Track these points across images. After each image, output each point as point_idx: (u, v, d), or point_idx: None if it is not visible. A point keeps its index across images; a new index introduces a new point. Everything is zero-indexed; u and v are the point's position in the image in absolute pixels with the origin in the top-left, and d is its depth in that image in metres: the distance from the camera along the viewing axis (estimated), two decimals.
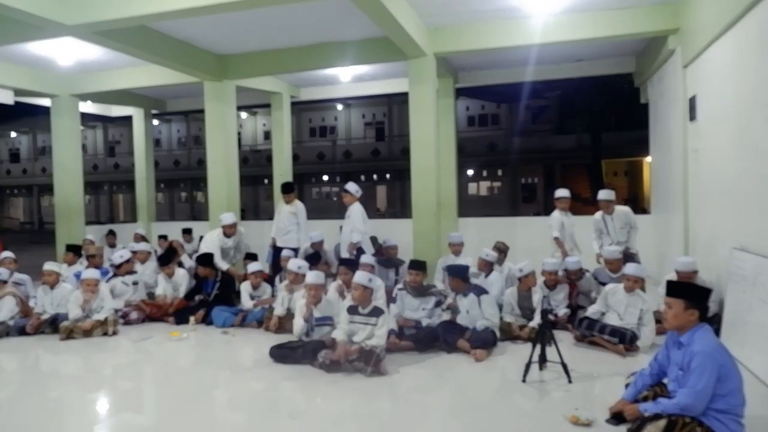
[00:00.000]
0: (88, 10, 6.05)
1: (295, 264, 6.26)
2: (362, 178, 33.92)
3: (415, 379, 4.65)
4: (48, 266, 6.69)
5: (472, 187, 32.54)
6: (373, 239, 9.31)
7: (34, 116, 30.58)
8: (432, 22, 7.58)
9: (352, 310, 4.89)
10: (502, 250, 7.20)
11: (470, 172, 31.65)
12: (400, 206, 31.99)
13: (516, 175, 31.47)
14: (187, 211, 37.48)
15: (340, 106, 33.21)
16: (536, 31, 7.49)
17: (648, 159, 12.91)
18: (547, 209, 27.96)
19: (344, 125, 34.45)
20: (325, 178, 34.22)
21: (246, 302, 6.64)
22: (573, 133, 27.98)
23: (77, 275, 7.12)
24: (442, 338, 5.23)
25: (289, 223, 7.92)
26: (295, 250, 7.58)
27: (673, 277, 5.35)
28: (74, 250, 8.33)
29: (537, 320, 5.42)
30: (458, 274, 5.41)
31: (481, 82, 10.99)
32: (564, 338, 5.20)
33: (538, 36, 7.52)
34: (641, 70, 9.40)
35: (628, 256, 6.56)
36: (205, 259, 7.02)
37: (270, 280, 7.28)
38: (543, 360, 4.42)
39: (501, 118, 31.74)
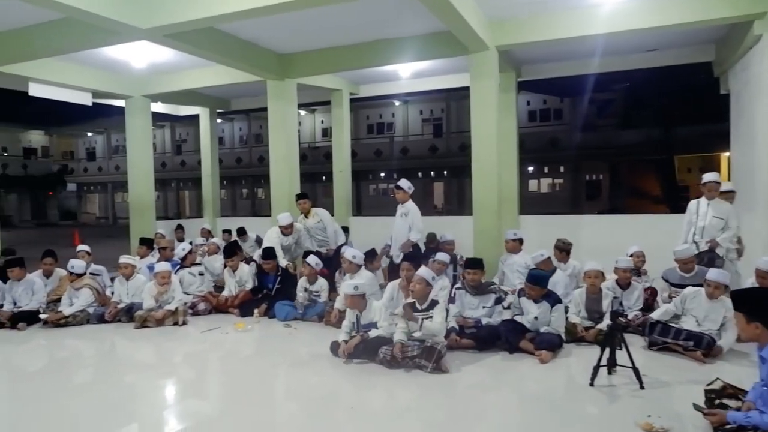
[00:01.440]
0: (161, 13, 6.32)
1: (350, 253, 6.36)
2: (419, 174, 33.86)
3: (476, 377, 4.57)
4: (123, 259, 7.07)
5: (532, 184, 31.81)
6: (432, 236, 9.26)
7: (108, 117, 32.34)
8: (494, 14, 7.42)
9: (411, 308, 4.83)
10: (562, 248, 6.94)
11: (530, 168, 30.94)
12: (457, 203, 31.70)
13: (579, 171, 30.49)
14: (248, 207, 38.66)
15: (397, 103, 33.24)
16: (604, 20, 7.18)
17: (727, 154, 12.15)
18: (613, 207, 26.93)
19: (402, 122, 34.47)
20: (382, 174, 34.36)
21: (299, 295, 6.79)
22: (641, 128, 26.65)
23: (150, 267, 7.50)
24: (504, 337, 5.12)
25: (322, 233, 7.90)
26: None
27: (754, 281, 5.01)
28: (147, 244, 8.75)
29: (606, 322, 5.20)
30: (539, 283, 5.14)
31: (544, 76, 10.67)
32: (635, 342, 4.97)
33: (606, 25, 7.21)
34: (722, 58, 8.82)
35: (712, 257, 6.13)
36: (269, 253, 7.19)
37: (329, 276, 7.40)
38: (612, 364, 4.23)
39: (564, 112, 30.84)
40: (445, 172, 33.33)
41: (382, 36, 8.19)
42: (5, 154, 41.18)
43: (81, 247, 7.92)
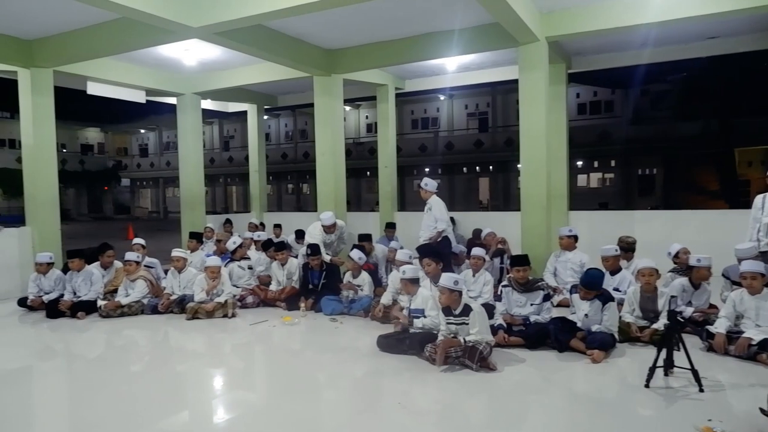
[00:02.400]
0: (211, 12, 6.46)
1: (405, 254, 6.36)
2: (464, 170, 33.54)
3: (524, 376, 4.48)
4: (176, 253, 7.29)
5: (581, 179, 30.97)
6: (477, 232, 9.16)
7: (160, 114, 33.57)
8: (544, 5, 7.25)
9: (447, 312, 4.75)
10: (626, 248, 6.63)
11: (579, 163, 30.11)
12: (503, 199, 31.23)
13: (631, 165, 29.45)
14: (293, 202, 39.24)
15: (442, 97, 32.95)
16: (659, 8, 6.90)
17: None
18: (667, 203, 25.92)
19: (446, 116, 34.18)
20: (427, 170, 34.17)
21: (344, 289, 6.83)
22: (699, 119, 25.36)
23: (209, 256, 7.70)
24: (553, 336, 5.00)
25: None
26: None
27: None
28: (197, 237, 8.98)
29: (662, 322, 5.00)
30: (593, 287, 4.93)
31: (595, 67, 10.34)
32: (695, 342, 4.76)
33: (660, 13, 6.92)
34: None
35: None
36: (315, 249, 7.27)
37: (375, 271, 7.44)
38: (669, 365, 4.07)
39: (615, 104, 29.84)
40: (491, 168, 32.85)
41: (429, 29, 8.11)
42: (64, 150, 43.14)
43: (136, 240, 8.21)
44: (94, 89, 9.84)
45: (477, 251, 6.39)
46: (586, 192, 29.74)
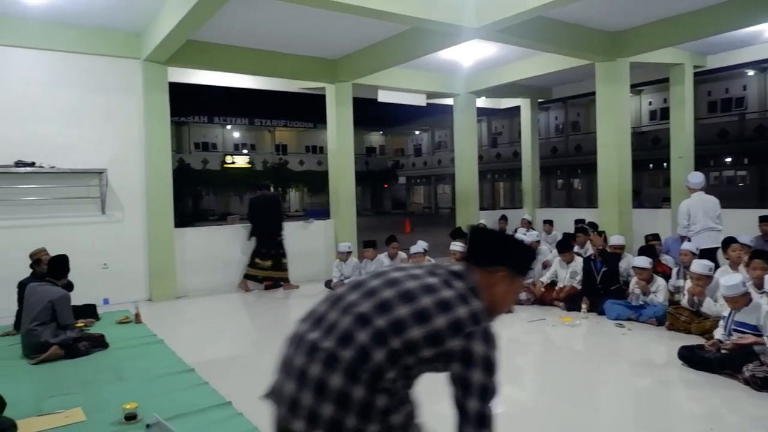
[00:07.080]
0: (492, 10, 6.48)
1: (703, 266, 5.43)
2: None
3: None
4: (455, 247, 7.70)
5: None
6: None
7: (432, 115, 35.90)
8: None
9: None
10: None
11: None
12: None
13: None
14: (563, 198, 37.68)
15: (750, 72, 27.38)
16: None
17: None
18: None
19: (757, 95, 28.32)
20: (728, 160, 28.95)
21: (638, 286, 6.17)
22: None
23: None
24: None
25: None
26: None
27: None
28: (461, 235, 9.24)
29: None
30: None
31: None
32: None
33: None
34: None
35: None
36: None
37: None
38: None
39: None
40: None
41: None
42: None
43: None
44: (383, 97, 10.96)
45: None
46: None
